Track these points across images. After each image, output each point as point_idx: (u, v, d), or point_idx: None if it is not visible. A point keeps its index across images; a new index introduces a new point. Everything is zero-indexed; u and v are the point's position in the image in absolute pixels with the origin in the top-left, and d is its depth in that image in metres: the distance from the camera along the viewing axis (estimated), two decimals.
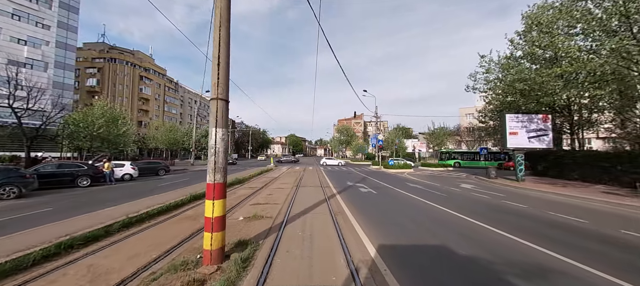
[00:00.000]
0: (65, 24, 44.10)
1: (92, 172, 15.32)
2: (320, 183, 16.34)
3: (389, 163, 29.00)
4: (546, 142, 17.11)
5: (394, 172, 26.92)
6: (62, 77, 43.52)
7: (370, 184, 16.46)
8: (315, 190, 13.45)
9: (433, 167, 33.68)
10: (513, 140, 17.08)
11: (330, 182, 17.15)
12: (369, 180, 18.78)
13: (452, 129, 52.73)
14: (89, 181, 14.90)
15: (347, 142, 70.59)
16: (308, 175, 22.17)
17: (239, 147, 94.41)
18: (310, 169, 30.31)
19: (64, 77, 43.64)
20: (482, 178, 20.12)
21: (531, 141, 17.11)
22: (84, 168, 15.22)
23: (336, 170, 28.92)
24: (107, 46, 64.13)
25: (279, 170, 28.60)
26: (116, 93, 59.92)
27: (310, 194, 12.22)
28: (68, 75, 44.50)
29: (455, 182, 18.16)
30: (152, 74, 67.05)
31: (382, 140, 34.92)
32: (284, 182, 17.24)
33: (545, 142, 17.10)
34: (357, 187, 14.94)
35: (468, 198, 11.97)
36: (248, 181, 17.30)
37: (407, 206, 9.82)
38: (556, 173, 18.22)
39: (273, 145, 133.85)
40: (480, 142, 55.99)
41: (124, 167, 18.48)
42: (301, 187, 14.46)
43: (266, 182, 16.67)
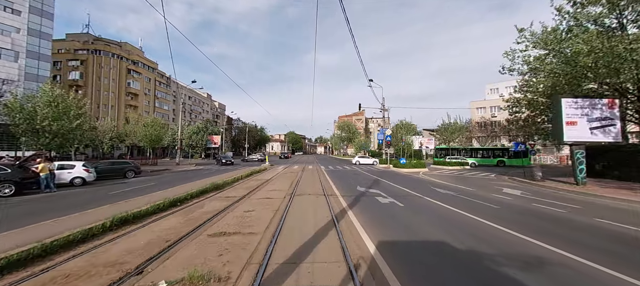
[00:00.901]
0: (38, 10, 40.00)
1: (19, 177, 11.49)
2: (322, 189, 12.56)
3: (401, 162, 25.27)
4: (613, 134, 13.31)
5: (407, 172, 23.15)
6: (37, 68, 39.51)
7: (387, 190, 12.67)
8: (317, 201, 9.66)
9: (447, 165, 29.93)
10: (571, 131, 13.26)
11: (335, 187, 13.36)
12: (384, 184, 14.99)
13: (464, 124, 48.88)
14: (12, 189, 11.08)
15: (348, 139, 66.80)
16: (307, 177, 18.39)
17: (235, 145, 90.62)
18: (309, 169, 26.55)
19: (38, 68, 39.62)
20: (522, 180, 16.34)
21: (594, 133, 13.31)
22: (6, 172, 11.38)
23: (339, 171, 25.14)
24: (92, 37, 60.02)
25: (274, 170, 24.83)
26: (101, 88, 56.01)
27: (309, 209, 8.43)
28: (43, 66, 40.47)
29: (493, 186, 14.40)
30: (141, 68, 63.05)
31: (390, 135, 31.16)
32: (276, 187, 13.45)
33: (612, 133, 13.30)
34: (372, 195, 11.15)
35: (534, 212, 8.25)
36: (230, 186, 13.51)
37: (458, 228, 6.01)
38: (622, 174, 14.42)
39: (271, 142, 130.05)
40: (494, 138, 52.35)
41: (74, 169, 14.66)
42: (297, 196, 10.67)
43: (253, 188, 12.88)
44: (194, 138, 51.93)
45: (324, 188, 13.03)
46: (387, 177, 19.05)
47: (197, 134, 52.38)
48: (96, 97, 55.11)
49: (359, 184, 14.54)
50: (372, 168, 27.66)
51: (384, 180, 16.95)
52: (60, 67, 54.34)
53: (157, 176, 19.98)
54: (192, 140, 51.72)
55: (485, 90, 63.82)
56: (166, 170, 25.23)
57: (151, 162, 31.11)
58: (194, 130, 52.37)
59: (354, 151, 63.46)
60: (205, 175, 20.43)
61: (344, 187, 13.52)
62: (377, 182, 15.97)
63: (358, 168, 28.78)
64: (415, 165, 25.15)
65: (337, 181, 16.25)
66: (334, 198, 10.25)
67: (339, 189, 12.81)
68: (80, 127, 18.52)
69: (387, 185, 14.61)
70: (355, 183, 15.33)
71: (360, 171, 24.32)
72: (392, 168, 26.73)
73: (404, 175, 20.33)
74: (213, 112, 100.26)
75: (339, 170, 25.87)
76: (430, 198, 10.36)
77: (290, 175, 19.30)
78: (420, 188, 13.33)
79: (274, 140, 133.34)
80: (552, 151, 45.54)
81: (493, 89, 61.83)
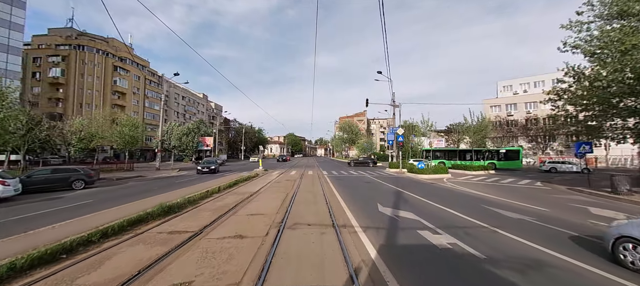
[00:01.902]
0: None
1: None
2: (328, 212, 8.39)
3: (419, 167, 21.04)
4: None
5: (428, 179, 18.96)
6: (5, 62, 35.46)
7: (426, 213, 8.46)
8: (321, 245, 5.45)
9: (466, 169, 25.75)
10: None
11: (346, 208, 9.13)
12: (414, 201, 10.78)
13: (481, 123, 44.51)
14: None
15: (351, 140, 62.59)
16: (306, 188, 14.22)
17: (232, 148, 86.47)
18: (309, 175, 22.35)
19: (6, 62, 35.57)
20: (596, 192, 12.13)
21: None
22: None
23: (345, 177, 20.95)
24: (76, 32, 56.02)
25: (266, 176, 20.64)
26: (85, 86, 52.01)
27: (309, 270, 4.20)
28: (13, 60, 36.51)
29: (567, 204, 10.19)
30: (129, 65, 59.01)
31: (402, 135, 26.99)
32: (260, 208, 9.23)
33: None
34: (410, 226, 6.96)
35: None
36: (194, 206, 9.29)
37: None
38: None
39: (270, 144, 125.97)
40: (511, 138, 47.98)
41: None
42: (288, 230, 6.48)
43: (225, 210, 8.66)
44: (184, 140, 47.76)
45: (331, 209, 8.82)
46: (410, 187, 14.84)
47: (187, 135, 48.19)
48: (79, 95, 51.07)
49: (380, 201, 10.33)
50: (382, 174, 23.45)
51: (410, 192, 12.73)
52: (40, 64, 50.31)
53: (116, 187, 15.77)
54: (182, 142, 47.54)
55: (497, 87, 59.94)
56: (138, 177, 21.04)
57: (127, 167, 26.92)
58: (183, 131, 48.17)
59: (357, 153, 59.20)
60: (179, 185, 16.26)
61: (360, 207, 9.33)
62: (401, 196, 11.76)
63: (365, 173, 24.56)
64: (436, 171, 20.94)
65: (347, 194, 12.06)
66: (351, 235, 6.06)
67: (353, 211, 8.60)
68: (7, 121, 14.36)
69: (419, 202, 10.41)
70: (373, 198, 11.14)
71: (371, 178, 20.11)
72: (407, 174, 22.54)
73: (430, 185, 16.12)
74: (209, 113, 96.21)
75: (345, 176, 21.66)
76: (512, 235, 6.15)
77: (285, 185, 15.10)
78: (471, 208, 9.12)
79: (273, 142, 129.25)
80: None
81: (506, 86, 57.95)
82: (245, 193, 12.27)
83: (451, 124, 63.39)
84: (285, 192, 12.70)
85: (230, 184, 14.47)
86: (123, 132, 25.98)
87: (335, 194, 12.12)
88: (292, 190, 13.31)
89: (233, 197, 11.10)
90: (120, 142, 26.08)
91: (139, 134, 27.31)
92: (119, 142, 26.10)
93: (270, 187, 14.29)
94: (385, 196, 11.73)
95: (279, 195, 11.50)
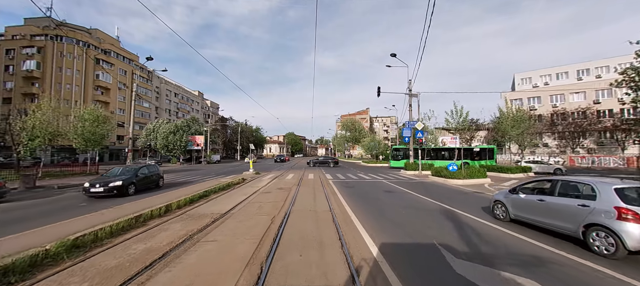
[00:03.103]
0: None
1: None
2: (349, 268, 3.69)
3: (450, 169, 16.29)
4: None
5: (468, 187, 14.29)
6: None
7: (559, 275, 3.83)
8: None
9: (500, 170, 21.10)
10: None
11: (387, 268, 4.41)
12: (504, 237, 6.11)
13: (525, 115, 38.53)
14: None
15: (354, 138, 57.80)
16: (305, 205, 9.56)
17: (228, 148, 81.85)
18: (309, 180, 17.71)
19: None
20: None
21: None
22: None
23: (355, 184, 16.36)
24: (55, 22, 51.31)
25: (253, 183, 15.99)
26: (63, 80, 47.47)
27: None
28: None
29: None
30: (114, 58, 54.48)
31: (423, 131, 22.29)
32: (226, 247, 4.52)
33: None
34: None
35: None
36: (119, 241, 4.60)
37: None
38: None
39: (269, 144, 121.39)
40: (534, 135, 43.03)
41: None
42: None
43: (160, 254, 3.97)
44: (171, 139, 43.11)
45: (354, 268, 4.13)
46: (458, 202, 10.16)
47: (175, 134, 43.52)
48: (56, 90, 46.39)
49: (440, 238, 5.68)
50: (400, 178, 18.84)
51: (472, 216, 8.03)
52: (13, 56, 45.75)
53: (27, 203, 11.12)
54: (169, 141, 42.89)
55: (514, 80, 55.21)
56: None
57: (90, 170, 22.24)
58: (170, 128, 43.52)
59: (363, 152, 54.42)
60: (121, 200, 11.60)
61: (410, 259, 4.67)
62: (467, 224, 7.07)
63: (377, 176, 19.90)
64: (472, 175, 16.22)
65: (371, 218, 7.42)
66: None
67: (404, 276, 3.92)
68: None
69: (517, 242, 5.74)
70: (422, 229, 6.49)
71: (390, 185, 15.46)
72: (433, 178, 17.90)
73: (481, 197, 11.43)
74: (204, 112, 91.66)
75: (354, 182, 17.02)
76: None
77: (274, 200, 10.42)
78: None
79: (272, 142, 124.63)
80: (613, 150, 36.60)
81: (525, 79, 53.11)
82: (208, 217, 7.60)
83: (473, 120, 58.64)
84: (271, 214, 8.03)
85: (191, 199, 9.81)
86: (83, 128, 21.28)
87: (352, 219, 7.44)
88: (283, 209, 8.64)
89: (177, 232, 6.41)
90: (79, 140, 21.41)
91: (104, 130, 22.57)
92: (78, 140, 21.43)
93: (250, 204, 9.63)
94: (439, 223, 7.06)
95: (258, 225, 6.82)
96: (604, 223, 4.76)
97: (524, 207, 6.53)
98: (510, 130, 22.63)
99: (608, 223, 4.71)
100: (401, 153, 31.10)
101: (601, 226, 4.81)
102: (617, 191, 4.91)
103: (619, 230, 4.55)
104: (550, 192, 6.10)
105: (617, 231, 4.56)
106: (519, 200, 6.70)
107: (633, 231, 4.45)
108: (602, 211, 4.85)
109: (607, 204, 4.85)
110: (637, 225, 4.47)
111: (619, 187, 5.01)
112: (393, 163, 30.97)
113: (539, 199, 6.12)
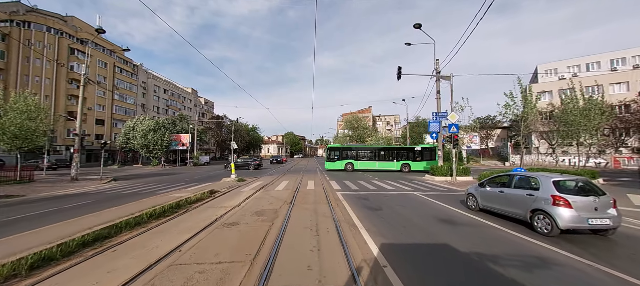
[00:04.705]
0: None
1: None
2: None
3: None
4: None
5: None
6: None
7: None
8: None
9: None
10: None
11: None
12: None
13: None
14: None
15: (359, 137, 52.40)
16: (296, 263, 4.12)
17: (222, 148, 76.37)
18: (308, 192, 12.37)
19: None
20: None
21: None
22: None
23: (373, 197, 11.15)
24: (24, 7, 46.05)
25: (232, 196, 10.72)
26: (31, 71, 42.12)
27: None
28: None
29: None
30: (91, 48, 48.94)
31: (458, 125, 16.92)
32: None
33: None
34: None
35: None
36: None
37: None
38: None
39: (268, 144, 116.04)
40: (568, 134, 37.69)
41: None
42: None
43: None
44: (151, 137, 37.70)
45: None
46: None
47: (155, 132, 38.11)
48: (23, 84, 41.05)
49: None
50: (436, 189, 13.51)
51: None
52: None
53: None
54: (148, 140, 37.49)
55: (536, 72, 49.94)
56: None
57: (16, 176, 16.83)
58: (150, 125, 38.12)
59: None
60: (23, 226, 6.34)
61: None
62: None
63: (404, 187, 14.55)
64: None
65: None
66: None
67: None
68: None
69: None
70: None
71: (432, 202, 10.19)
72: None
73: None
74: (198, 110, 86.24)
75: (373, 196, 11.72)
76: None
77: (237, 247, 5.06)
78: None
79: (271, 142, 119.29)
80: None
81: (549, 71, 47.76)
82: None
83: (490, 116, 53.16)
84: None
85: (83, 240, 4.44)
86: (11, 122, 15.80)
87: None
88: (254, 271, 3.28)
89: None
90: (4, 140, 16.02)
91: (36, 125, 17.17)
92: (2, 140, 16.04)
93: (193, 255, 4.29)
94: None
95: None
96: (543, 208, 5.85)
97: (489, 198, 7.69)
98: (581, 123, 17.05)
99: (546, 208, 5.80)
100: (337, 153, 26.68)
101: (541, 211, 5.89)
102: (554, 183, 5.94)
103: (553, 213, 5.63)
104: (508, 184, 7.21)
105: (552, 214, 5.65)
106: (485, 192, 7.90)
107: (563, 214, 5.51)
108: (543, 198, 5.93)
109: (546, 193, 5.92)
110: (566, 209, 5.54)
111: (556, 179, 6.04)
112: (328, 165, 26.49)
113: (500, 190, 7.31)
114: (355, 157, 26.26)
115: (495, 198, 7.37)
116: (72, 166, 18.07)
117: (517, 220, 6.69)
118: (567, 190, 5.81)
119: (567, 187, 5.90)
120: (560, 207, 5.55)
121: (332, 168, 26.21)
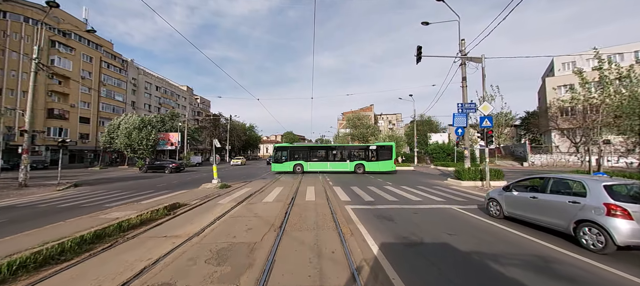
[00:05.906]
0: None
1: None
2: None
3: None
4: None
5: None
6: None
7: None
8: None
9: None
10: None
11: None
12: None
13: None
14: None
15: (362, 136, 49.25)
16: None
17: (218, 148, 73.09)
18: (308, 206, 9.15)
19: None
20: None
21: None
22: None
23: (398, 216, 7.95)
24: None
25: (202, 213, 7.50)
26: (7, 65, 38.81)
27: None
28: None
29: None
30: (76, 42, 45.79)
31: (491, 118, 13.80)
32: None
33: None
34: None
35: None
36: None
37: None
38: None
39: (266, 144, 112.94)
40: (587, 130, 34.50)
41: None
42: None
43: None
44: (135, 136, 34.43)
45: None
46: None
47: (141, 130, 34.83)
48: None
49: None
50: (474, 200, 10.35)
51: None
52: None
53: None
54: (132, 139, 34.22)
55: (553, 65, 46.86)
56: None
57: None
58: (134, 123, 34.84)
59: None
60: None
61: None
62: None
63: (433, 197, 11.38)
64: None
65: None
66: None
67: None
68: None
69: None
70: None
71: (476, 219, 7.01)
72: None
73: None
74: (194, 108, 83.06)
75: (397, 213, 8.49)
76: None
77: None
78: None
79: (269, 142, 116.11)
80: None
81: (566, 63, 44.69)
82: None
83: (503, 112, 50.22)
84: None
85: None
86: None
87: None
88: None
89: None
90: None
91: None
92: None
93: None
94: None
95: None
96: (593, 219, 4.74)
97: (517, 204, 6.57)
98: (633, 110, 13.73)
99: (597, 219, 4.69)
100: (286, 153, 24.13)
101: (591, 222, 4.77)
102: (606, 188, 4.85)
103: (608, 226, 4.52)
104: (543, 188, 6.08)
105: (606, 227, 4.54)
106: (512, 198, 6.75)
107: (621, 227, 4.43)
108: (592, 207, 4.82)
109: (597, 200, 4.81)
110: (624, 221, 4.45)
111: (608, 183, 4.98)
112: (275, 167, 23.87)
113: (532, 196, 6.13)
114: (305, 158, 23.95)
115: (526, 204, 6.28)
116: (20, 169, 14.85)
117: (551, 230, 5.65)
118: (622, 197, 4.76)
119: (622, 193, 4.89)
120: (617, 218, 4.53)
121: (279, 171, 23.90)
